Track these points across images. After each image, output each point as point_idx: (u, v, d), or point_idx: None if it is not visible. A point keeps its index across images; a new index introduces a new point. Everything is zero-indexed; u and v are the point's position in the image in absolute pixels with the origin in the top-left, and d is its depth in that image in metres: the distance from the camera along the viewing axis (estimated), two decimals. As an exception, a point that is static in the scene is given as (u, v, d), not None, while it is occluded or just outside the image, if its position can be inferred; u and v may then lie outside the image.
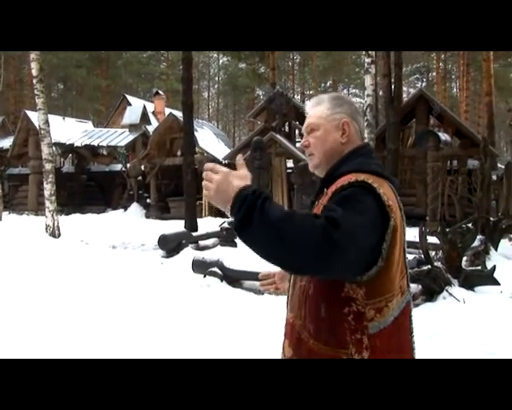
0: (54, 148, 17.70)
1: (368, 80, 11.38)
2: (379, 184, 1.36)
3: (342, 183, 1.37)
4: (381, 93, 16.32)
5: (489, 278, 6.34)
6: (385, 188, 1.37)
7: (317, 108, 1.60)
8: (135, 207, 20.25)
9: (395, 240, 1.36)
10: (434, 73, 41.04)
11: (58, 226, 12.32)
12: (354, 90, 47.44)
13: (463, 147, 15.49)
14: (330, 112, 1.57)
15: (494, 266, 6.62)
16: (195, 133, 16.52)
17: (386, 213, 1.33)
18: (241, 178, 1.30)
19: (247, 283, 7.31)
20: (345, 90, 47.64)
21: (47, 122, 12.47)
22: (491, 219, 9.21)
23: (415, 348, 1.47)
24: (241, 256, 8.37)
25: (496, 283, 6.26)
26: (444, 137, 13.46)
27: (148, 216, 19.49)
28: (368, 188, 1.34)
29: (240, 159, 1.38)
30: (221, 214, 18.08)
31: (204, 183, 1.32)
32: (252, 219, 1.20)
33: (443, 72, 39.64)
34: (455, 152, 15.76)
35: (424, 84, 40.97)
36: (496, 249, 8.68)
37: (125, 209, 20.34)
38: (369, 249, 1.29)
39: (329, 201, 1.35)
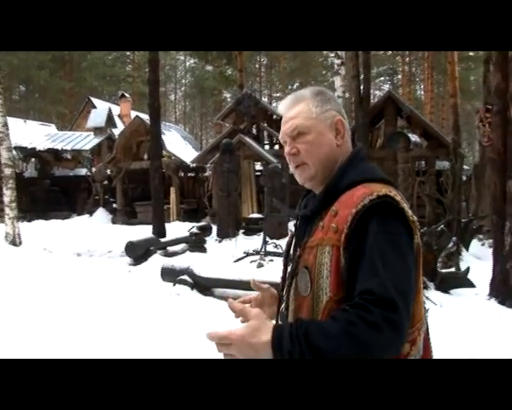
0: (14, 152, 17.05)
1: (338, 82, 11.33)
2: (399, 196, 1.18)
3: (361, 200, 1.14)
4: (347, 95, 16.34)
5: (464, 281, 6.30)
6: (402, 199, 1.18)
7: (299, 107, 1.33)
8: (101, 213, 19.72)
9: (419, 259, 1.18)
10: (400, 76, 41.70)
11: (19, 234, 11.80)
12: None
13: (431, 148, 15.66)
14: (320, 109, 1.31)
15: (468, 268, 6.59)
16: (163, 136, 16.19)
17: (411, 229, 1.15)
18: (259, 329, 1.11)
19: (219, 290, 7.09)
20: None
21: (6, 125, 11.91)
22: (463, 220, 9.24)
23: None
24: (211, 262, 8.14)
25: (471, 285, 6.22)
26: (413, 138, 13.56)
27: (114, 221, 19.00)
28: (391, 204, 1.14)
29: (236, 306, 1.26)
30: (190, 218, 17.79)
31: (225, 356, 1.15)
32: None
33: (408, 74, 40.30)
34: (423, 153, 15.91)
35: (390, 86, 41.55)
36: (467, 250, 8.70)
37: (91, 215, 19.77)
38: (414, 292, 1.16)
39: (350, 228, 1.13)
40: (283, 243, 10.48)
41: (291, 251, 1.39)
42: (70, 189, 21.99)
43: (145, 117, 19.58)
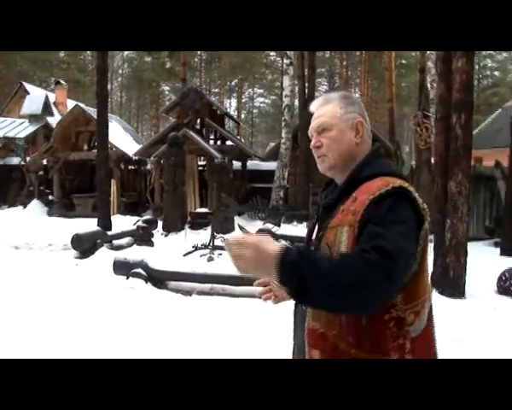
0: None
1: (286, 81, 11.60)
2: (412, 188, 1.38)
3: (378, 189, 1.33)
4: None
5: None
6: (413, 190, 1.38)
7: (326, 107, 1.54)
8: (35, 204, 18.87)
9: (426, 242, 1.38)
10: (336, 78, 42.87)
11: None
12: (260, 90, 48.14)
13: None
14: (344, 111, 1.52)
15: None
16: (104, 127, 15.76)
17: (421, 215, 1.35)
18: (270, 241, 1.25)
19: (173, 283, 7.11)
20: (249, 90, 48.19)
21: None
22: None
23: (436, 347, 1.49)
24: (161, 256, 8.13)
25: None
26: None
27: (50, 214, 18.27)
28: (404, 194, 1.34)
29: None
30: (130, 212, 17.47)
31: (234, 261, 1.26)
32: (309, 282, 1.17)
33: (345, 77, 41.52)
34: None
35: (327, 87, 42.65)
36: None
37: (25, 206, 18.88)
38: (412, 261, 1.31)
39: (366, 210, 1.32)
40: (231, 237, 10.63)
41: (313, 236, 1.56)
42: (0, 179, 20.89)
43: (84, 106, 19.02)
